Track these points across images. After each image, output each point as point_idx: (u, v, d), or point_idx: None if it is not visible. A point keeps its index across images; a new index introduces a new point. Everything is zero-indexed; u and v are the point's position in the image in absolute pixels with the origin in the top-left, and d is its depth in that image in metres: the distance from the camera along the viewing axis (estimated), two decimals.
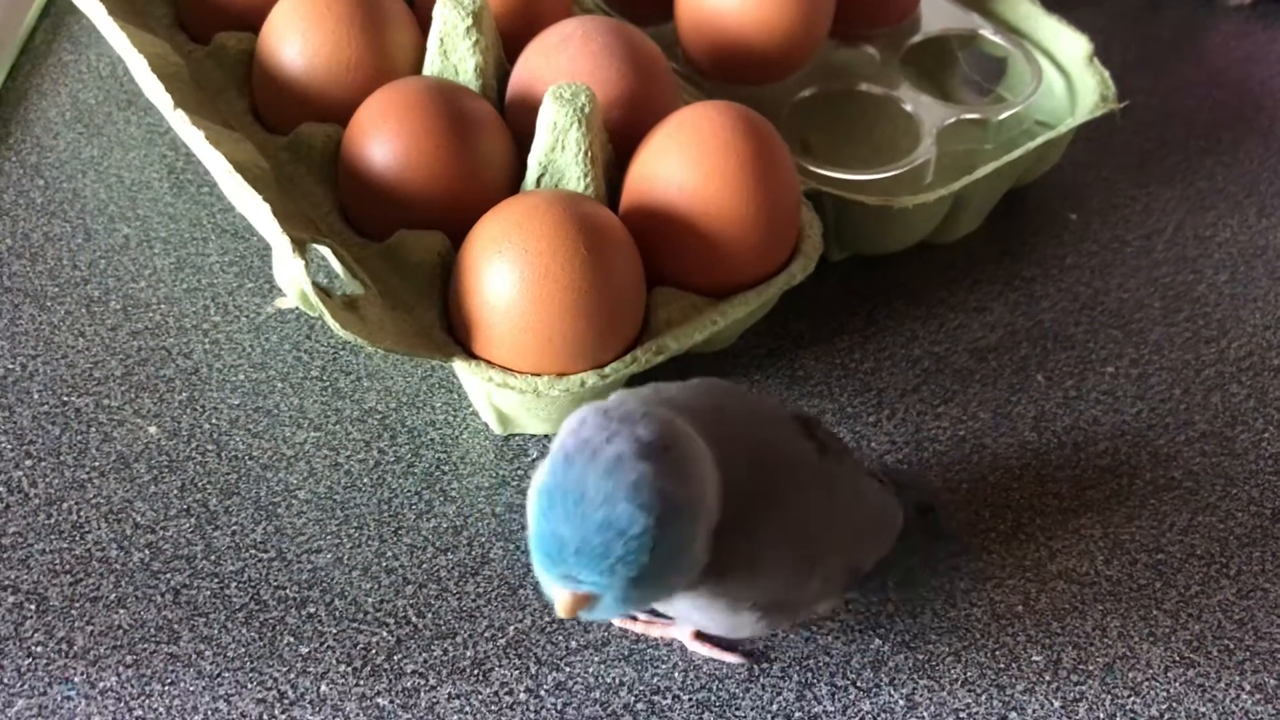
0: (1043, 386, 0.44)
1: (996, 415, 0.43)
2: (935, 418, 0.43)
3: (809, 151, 0.50)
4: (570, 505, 0.27)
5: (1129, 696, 0.36)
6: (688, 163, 0.39)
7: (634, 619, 0.36)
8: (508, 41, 0.45)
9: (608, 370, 0.38)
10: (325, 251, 0.39)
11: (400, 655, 0.36)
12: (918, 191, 0.45)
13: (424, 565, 0.38)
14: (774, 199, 0.40)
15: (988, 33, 0.52)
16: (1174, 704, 0.36)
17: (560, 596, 0.28)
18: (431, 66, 0.43)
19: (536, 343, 0.36)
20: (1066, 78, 0.50)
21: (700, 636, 0.36)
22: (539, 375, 0.37)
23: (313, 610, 0.36)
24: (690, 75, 0.49)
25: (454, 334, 0.39)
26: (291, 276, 0.35)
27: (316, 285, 0.35)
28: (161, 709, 0.34)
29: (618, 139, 0.42)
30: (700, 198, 0.39)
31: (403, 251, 0.39)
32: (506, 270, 0.36)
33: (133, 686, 0.35)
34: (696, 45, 0.48)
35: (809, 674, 0.36)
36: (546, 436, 0.41)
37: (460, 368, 0.38)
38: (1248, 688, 0.36)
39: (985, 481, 0.41)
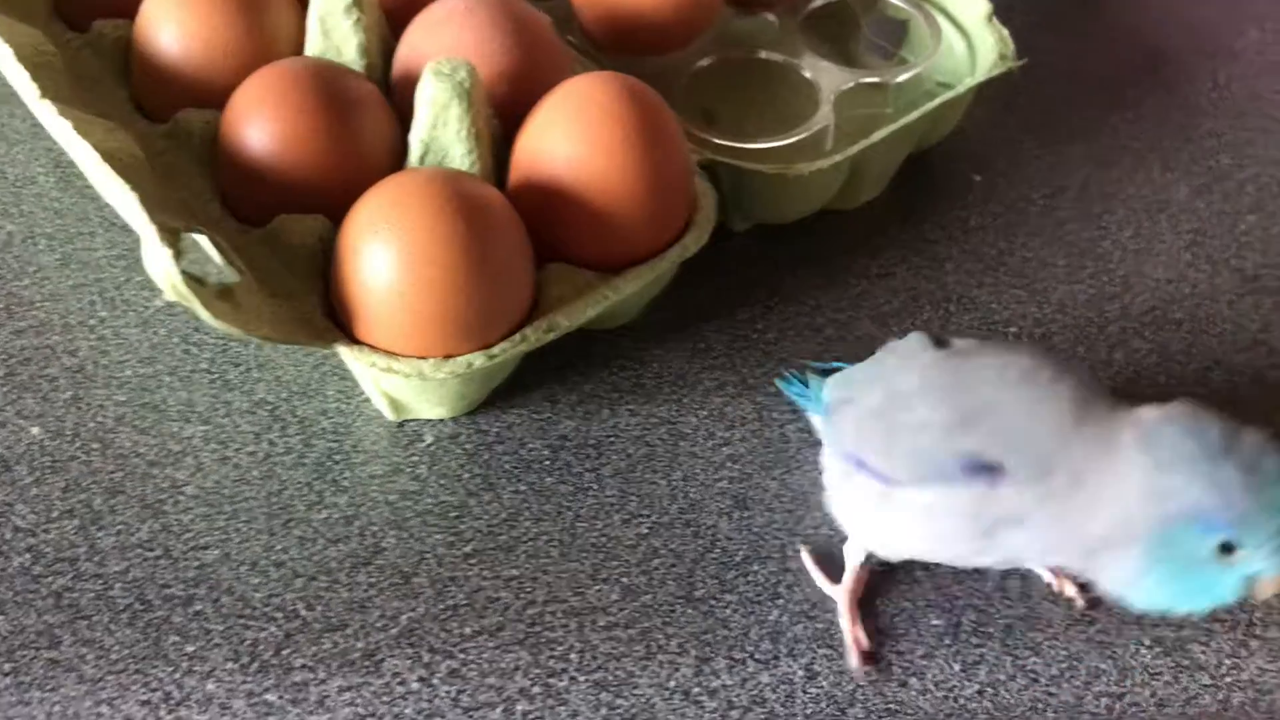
0: None
1: None
2: None
3: (713, 121, 0.49)
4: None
5: (1029, 657, 0.35)
6: (573, 136, 0.38)
7: None
8: (395, 19, 0.44)
9: (496, 350, 0.37)
10: (201, 239, 0.38)
11: (289, 650, 0.35)
12: (818, 158, 0.45)
13: (314, 557, 0.37)
14: (662, 170, 0.39)
15: None
16: (1074, 662, 0.35)
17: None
18: (313, 47, 0.42)
19: (418, 325, 0.36)
20: (967, 38, 0.50)
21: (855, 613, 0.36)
22: (424, 358, 0.36)
23: (199, 608, 0.36)
24: (587, 49, 0.48)
25: (337, 319, 0.38)
26: (162, 267, 0.34)
27: (187, 275, 0.34)
28: (41, 716, 0.33)
29: (505, 114, 0.41)
30: (586, 171, 0.38)
31: (283, 237, 0.38)
32: (384, 252, 0.35)
33: (10, 695, 0.34)
34: (591, 18, 0.48)
35: (707, 648, 0.35)
36: (441, 421, 0.40)
37: (344, 353, 0.37)
38: (1147, 642, 0.36)
39: None
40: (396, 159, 0.41)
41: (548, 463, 0.39)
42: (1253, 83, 0.54)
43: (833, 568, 0.37)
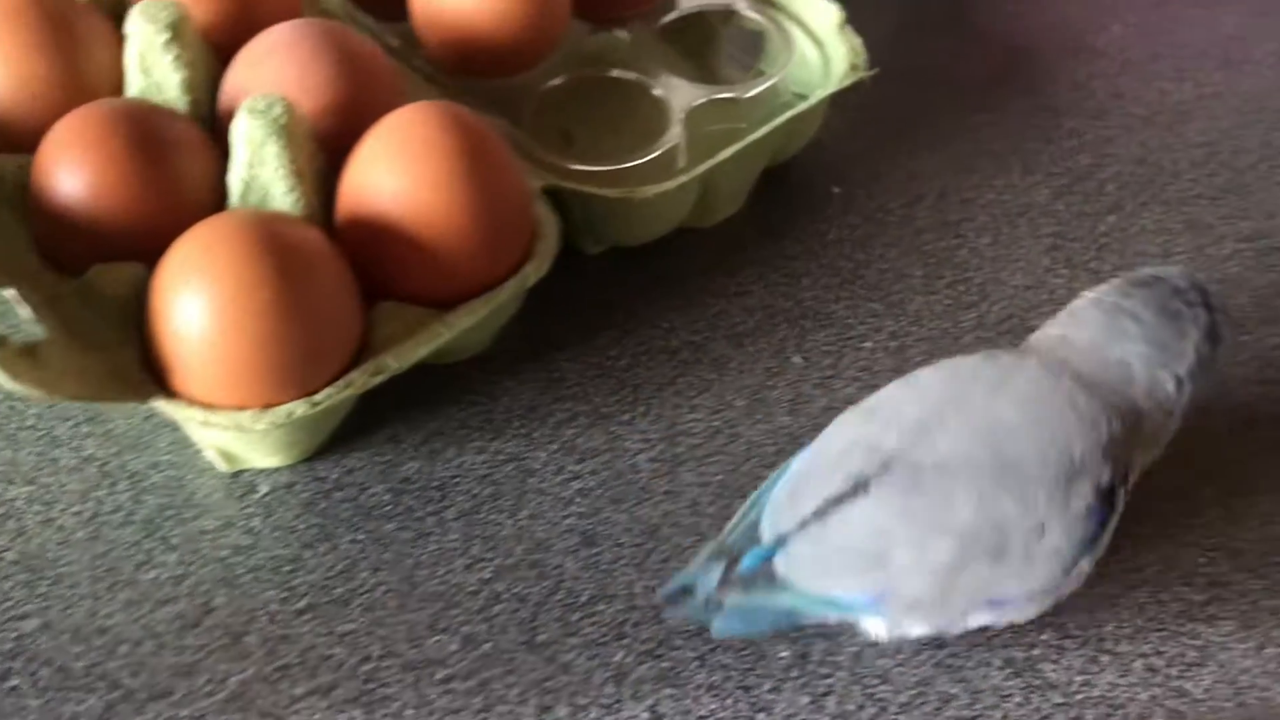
0: (800, 368, 0.43)
1: (752, 401, 0.42)
2: (691, 410, 0.41)
3: (571, 142, 0.48)
4: None
5: (878, 684, 0.35)
6: (396, 169, 0.37)
7: None
8: (224, 53, 0.43)
9: (319, 397, 0.36)
10: (8, 294, 0.36)
11: None
12: (670, 178, 0.44)
13: (141, 621, 0.35)
14: (494, 200, 0.38)
15: (742, 7, 0.50)
16: (924, 687, 0.35)
17: None
18: (133, 86, 0.41)
19: (234, 375, 0.34)
20: (820, 48, 0.49)
21: None
22: (243, 409, 0.35)
23: (15, 683, 0.34)
24: (434, 73, 0.47)
25: (153, 371, 0.36)
26: None
27: None
28: None
29: (334, 148, 0.40)
30: (412, 205, 0.37)
31: (96, 287, 0.37)
32: (194, 299, 0.34)
33: None
34: (434, 42, 0.46)
35: (548, 696, 0.34)
36: (277, 469, 0.39)
37: (160, 408, 0.36)
38: (998, 663, 0.35)
39: (739, 471, 0.40)
40: (220, 200, 0.39)
41: (389, 508, 0.38)
42: (1114, 80, 0.54)
43: None
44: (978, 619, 0.34)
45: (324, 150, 0.39)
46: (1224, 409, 0.42)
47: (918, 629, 0.34)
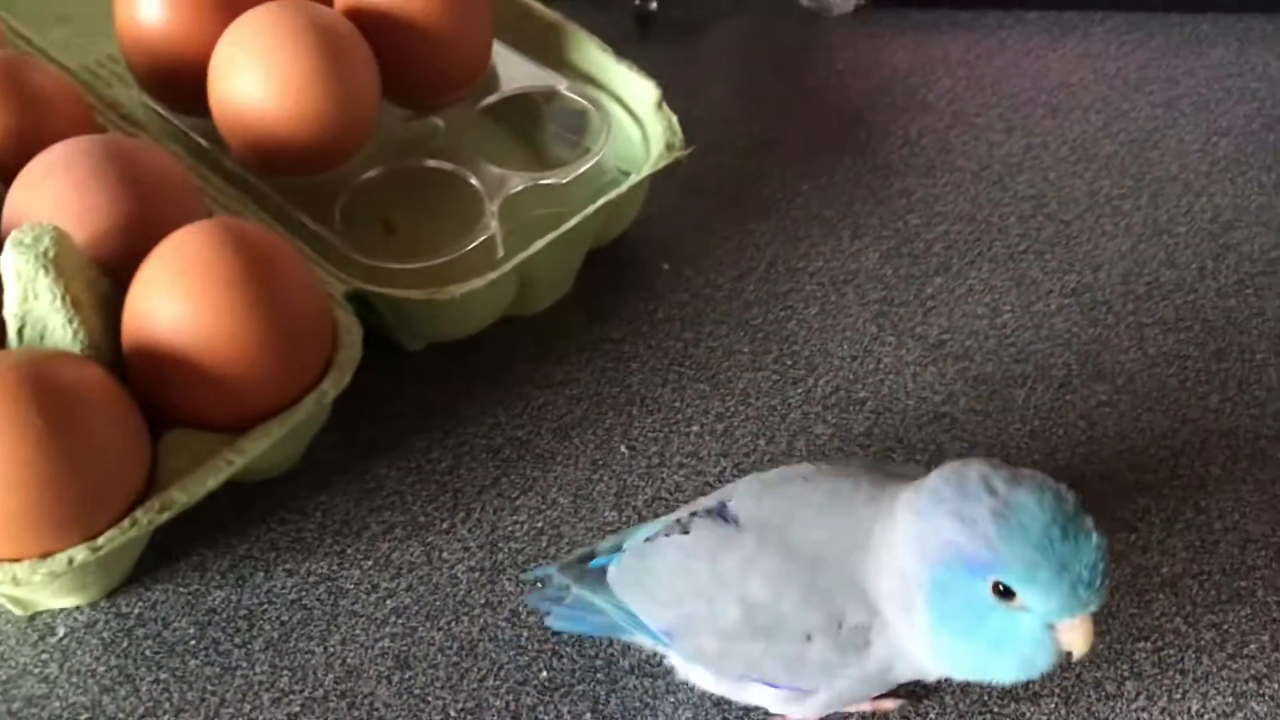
0: (626, 458, 0.42)
1: (577, 498, 0.41)
2: (513, 512, 0.40)
3: (392, 233, 0.48)
4: (1062, 533, 0.28)
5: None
6: (175, 292, 0.36)
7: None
8: (11, 172, 0.41)
9: (101, 540, 0.34)
10: None
11: None
12: (489, 269, 0.43)
13: None
14: (282, 317, 0.37)
15: (564, 88, 0.50)
16: None
17: (1085, 631, 0.29)
18: None
19: (3, 525, 0.33)
20: (640, 126, 0.49)
21: None
22: (17, 560, 0.34)
23: None
24: (243, 174, 0.46)
25: None
26: None
27: None
28: None
29: (122, 270, 0.38)
30: (194, 329, 0.36)
31: None
32: None
33: None
34: (237, 142, 0.45)
35: None
36: (77, 609, 0.37)
37: None
38: None
39: None
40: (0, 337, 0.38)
41: (193, 642, 0.37)
42: (944, 135, 0.54)
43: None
44: (756, 695, 0.33)
45: (110, 274, 0.38)
46: (1050, 468, 0.41)
47: (703, 681, 0.34)
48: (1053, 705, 0.36)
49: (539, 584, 0.37)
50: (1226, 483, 0.41)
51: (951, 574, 0.29)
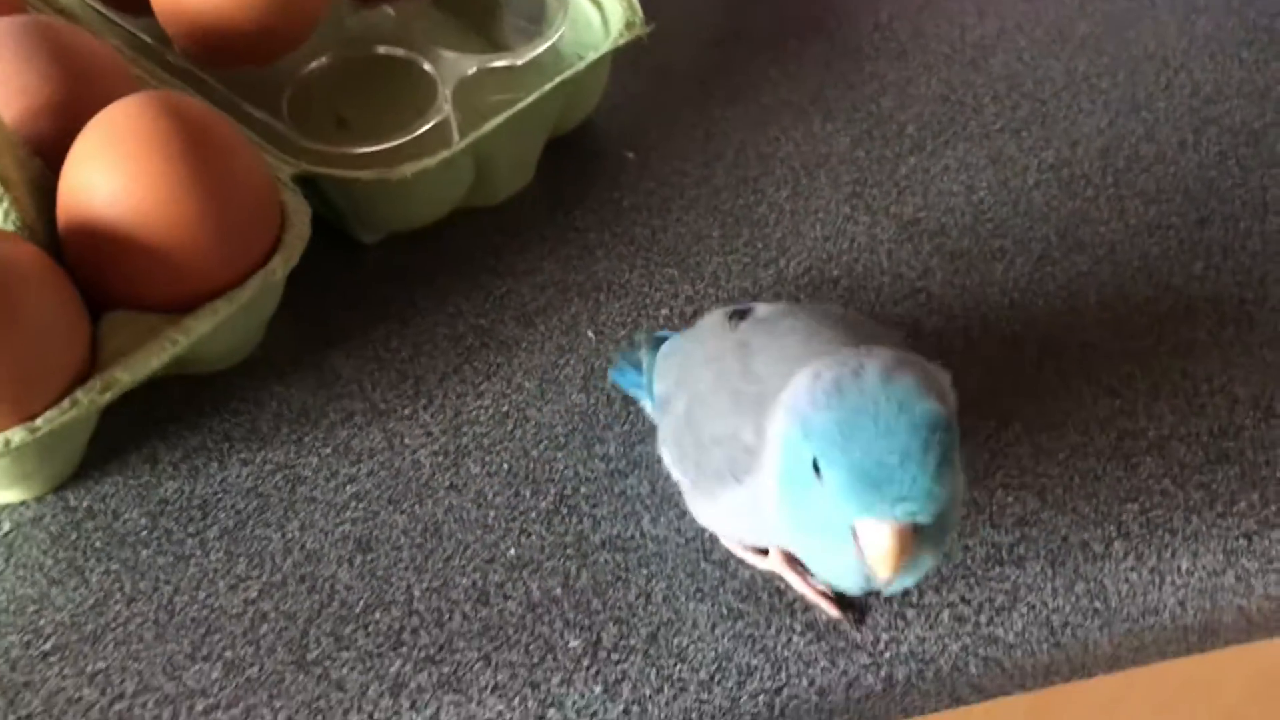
0: (593, 343, 0.41)
1: (543, 382, 0.39)
2: (477, 396, 0.39)
3: (345, 126, 0.46)
4: (871, 423, 0.26)
5: (676, 664, 0.33)
6: (109, 166, 0.34)
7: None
8: None
9: (40, 421, 0.33)
10: None
11: None
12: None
13: None
14: (223, 192, 0.35)
15: None
16: (724, 661, 0.33)
17: (891, 538, 0.27)
18: None
19: None
20: (600, 8, 0.47)
21: (800, 570, 0.34)
22: None
23: None
24: (187, 68, 0.44)
25: None
26: None
27: None
28: None
29: (52, 151, 0.37)
30: (130, 204, 0.34)
31: None
32: None
33: None
34: (179, 33, 0.43)
35: (319, 716, 0.32)
36: (22, 504, 0.36)
37: None
38: (799, 629, 0.34)
39: (528, 457, 0.37)
40: None
41: (145, 533, 0.35)
42: (915, 19, 0.53)
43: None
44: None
45: (43, 154, 0.36)
46: (1032, 338, 0.40)
47: (669, 464, 0.35)
48: (1039, 568, 0.35)
49: (632, 343, 0.39)
50: (1213, 347, 0.40)
51: (790, 434, 0.28)
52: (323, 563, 0.35)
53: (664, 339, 0.36)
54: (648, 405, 0.37)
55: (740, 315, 0.33)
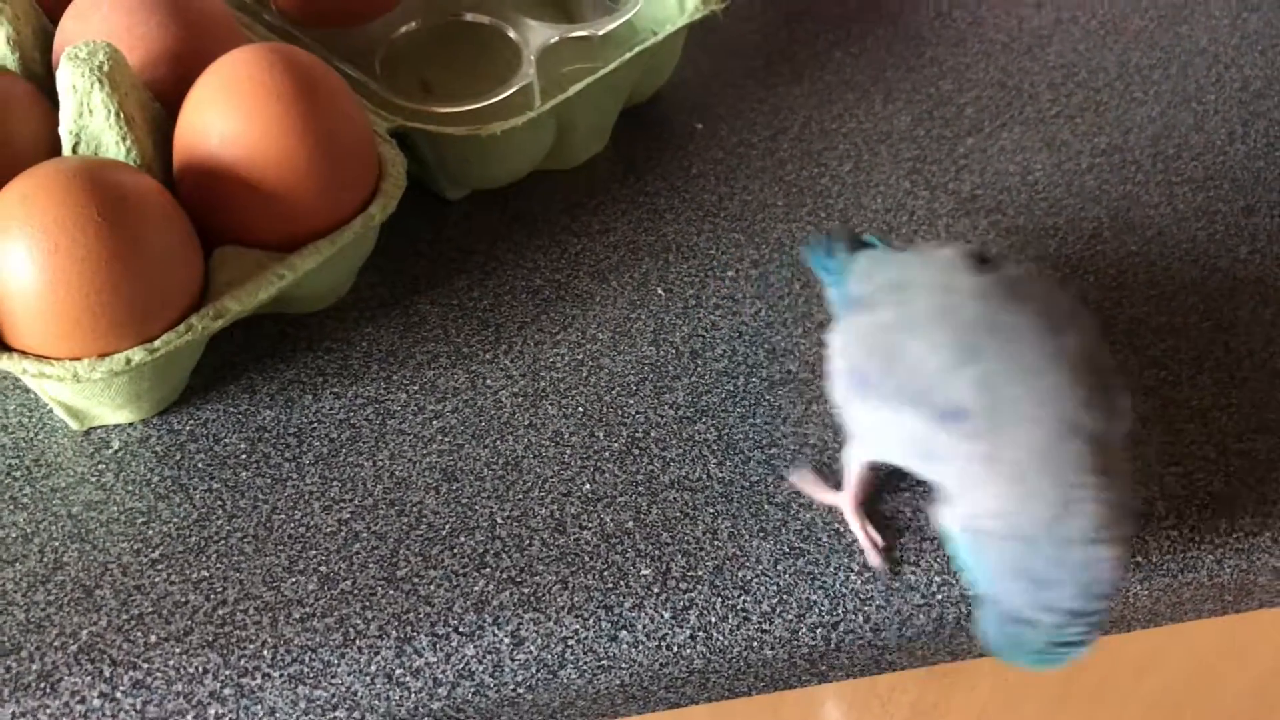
0: (663, 299, 0.43)
1: (616, 334, 0.42)
2: (554, 345, 0.41)
3: (429, 91, 0.48)
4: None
5: (740, 595, 0.35)
6: (226, 111, 0.36)
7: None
8: (54, 9, 0.42)
9: (158, 343, 0.35)
10: None
11: None
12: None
13: None
14: (330, 139, 0.37)
15: None
16: (785, 596, 0.35)
17: None
18: None
19: (64, 324, 0.34)
20: None
21: (862, 516, 0.36)
22: (78, 359, 0.34)
23: None
24: (284, 26, 0.46)
25: None
26: None
27: None
28: None
29: (168, 97, 0.39)
30: (244, 146, 0.36)
31: None
32: (16, 250, 0.33)
33: None
34: None
35: (408, 628, 0.34)
36: (130, 425, 0.38)
37: None
38: (856, 568, 0.36)
39: (602, 402, 0.40)
40: (56, 154, 0.38)
41: (244, 456, 0.38)
42: (974, 8, 0.55)
43: (832, 479, 0.37)
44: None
45: (159, 99, 0.39)
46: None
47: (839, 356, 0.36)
48: None
49: (829, 234, 0.40)
50: (1255, 325, 0.42)
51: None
52: (411, 489, 0.37)
53: (869, 244, 0.38)
54: (832, 291, 0.38)
55: (983, 261, 0.34)
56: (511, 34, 0.47)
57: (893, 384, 0.33)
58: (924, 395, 0.32)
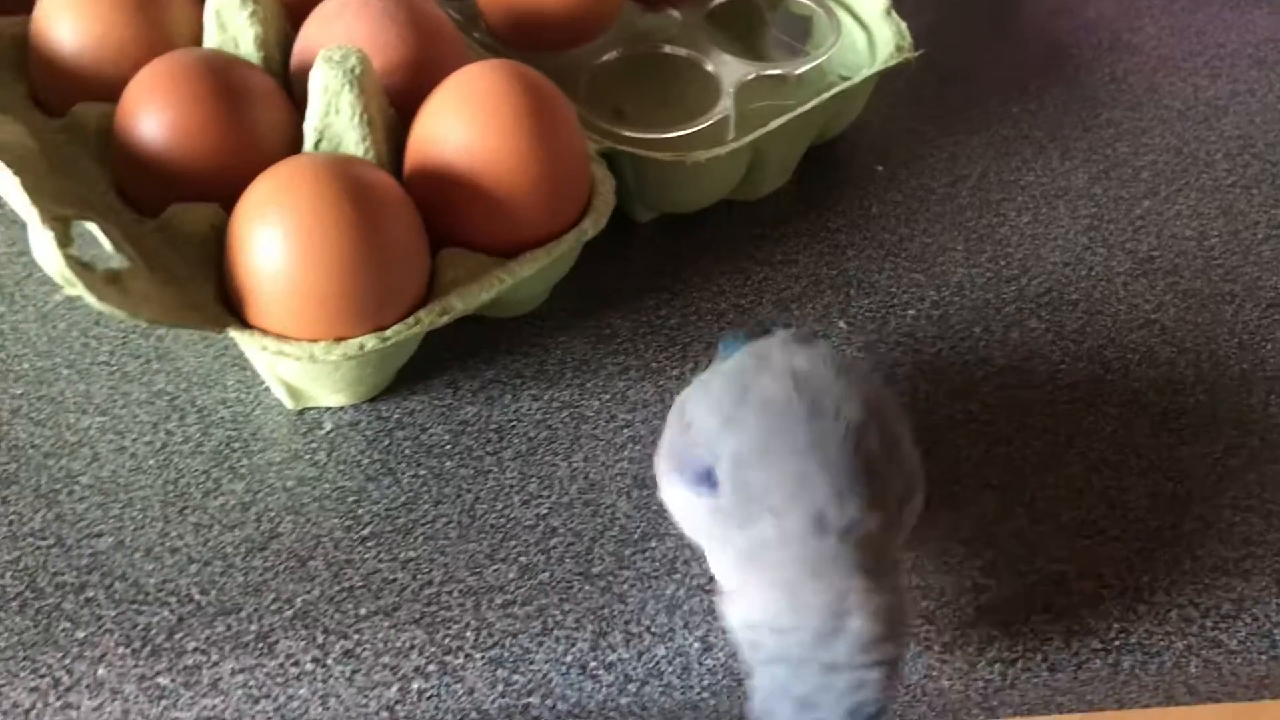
0: (845, 332, 0.44)
1: None
2: None
3: (622, 117, 0.50)
4: None
5: (919, 625, 0.36)
6: (464, 122, 0.39)
7: None
8: (295, 13, 0.45)
9: (389, 332, 0.37)
10: (92, 228, 0.38)
11: (181, 634, 0.35)
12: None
13: (209, 543, 0.37)
14: (556, 155, 0.39)
15: None
16: (966, 629, 0.36)
17: None
18: (210, 40, 0.43)
19: (308, 307, 0.36)
20: (867, 31, 0.51)
21: None
22: (315, 341, 0.36)
23: (91, 595, 0.35)
24: (493, 45, 0.49)
25: (231, 305, 0.38)
26: (47, 252, 0.34)
27: (72, 259, 0.34)
28: None
29: (402, 104, 0.41)
30: (478, 155, 0.38)
31: (176, 226, 0.39)
32: (271, 234, 0.36)
33: None
34: (496, 15, 0.48)
35: (603, 623, 0.35)
36: (341, 408, 0.40)
37: (236, 338, 0.37)
38: (1039, 606, 0.36)
39: None
40: (293, 148, 0.41)
41: (448, 447, 0.40)
42: (1150, 76, 0.56)
43: None
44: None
45: (393, 104, 0.41)
46: (1259, 378, 0.43)
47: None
48: (1264, 583, 0.37)
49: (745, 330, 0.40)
50: None
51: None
52: (604, 492, 0.39)
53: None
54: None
55: (806, 342, 0.33)
56: (709, 67, 0.49)
57: (678, 449, 0.33)
58: (688, 459, 0.32)
